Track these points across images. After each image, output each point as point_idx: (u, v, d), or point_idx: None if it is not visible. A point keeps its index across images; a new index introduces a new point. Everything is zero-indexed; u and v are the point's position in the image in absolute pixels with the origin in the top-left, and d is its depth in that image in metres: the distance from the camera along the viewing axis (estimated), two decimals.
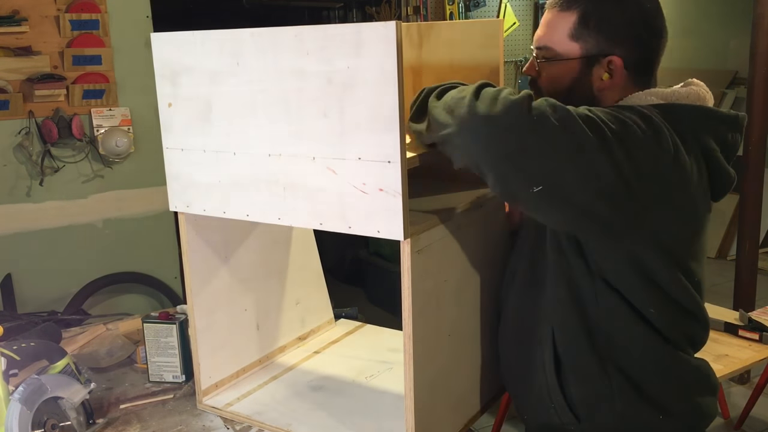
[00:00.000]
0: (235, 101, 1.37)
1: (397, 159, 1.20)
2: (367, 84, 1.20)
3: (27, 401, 1.46)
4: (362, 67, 1.19)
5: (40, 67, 3.34)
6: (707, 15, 6.10)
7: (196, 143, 1.45)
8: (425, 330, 1.36)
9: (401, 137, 1.19)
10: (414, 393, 1.33)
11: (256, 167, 1.38)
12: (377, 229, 1.26)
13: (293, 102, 1.29)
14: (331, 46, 1.21)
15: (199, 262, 1.61)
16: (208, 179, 1.46)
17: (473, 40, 1.57)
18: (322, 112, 1.26)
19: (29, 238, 3.46)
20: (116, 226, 3.62)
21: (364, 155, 1.23)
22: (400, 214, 1.22)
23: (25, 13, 3.29)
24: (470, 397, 1.58)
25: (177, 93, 1.46)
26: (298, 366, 1.83)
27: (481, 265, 1.54)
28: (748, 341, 2.49)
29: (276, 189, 1.36)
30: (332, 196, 1.29)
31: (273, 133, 1.33)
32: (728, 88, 6.06)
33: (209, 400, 1.68)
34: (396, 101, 1.17)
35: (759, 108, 3.65)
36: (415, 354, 1.31)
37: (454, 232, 1.43)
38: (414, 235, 1.28)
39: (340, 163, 1.26)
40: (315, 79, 1.25)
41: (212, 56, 1.38)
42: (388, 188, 1.22)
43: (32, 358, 1.71)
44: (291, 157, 1.32)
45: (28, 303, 3.44)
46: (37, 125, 3.37)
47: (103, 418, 1.66)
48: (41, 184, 3.44)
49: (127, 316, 2.46)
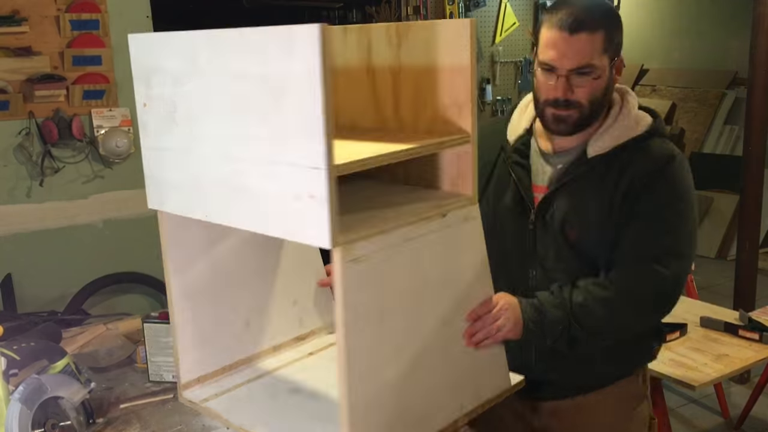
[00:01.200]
0: (194, 102, 1.38)
1: (323, 165, 1.17)
2: (297, 88, 1.18)
3: (27, 401, 1.46)
4: (292, 71, 1.17)
5: (40, 68, 3.33)
6: (707, 15, 6.10)
7: (165, 143, 1.49)
8: (365, 343, 1.31)
9: (327, 143, 1.16)
10: (348, 408, 1.29)
11: (212, 169, 1.38)
12: (310, 236, 1.24)
13: (239, 105, 1.29)
14: (269, 48, 1.20)
15: (177, 258, 1.62)
16: (175, 179, 1.50)
17: (447, 40, 1.51)
18: (262, 115, 1.25)
19: (29, 239, 3.46)
20: (116, 227, 3.62)
21: (297, 161, 1.22)
22: (327, 221, 1.20)
23: (25, 13, 3.29)
24: (437, 415, 1.51)
25: (150, 94, 1.48)
26: (285, 367, 1.82)
27: (449, 278, 1.47)
28: (748, 341, 2.49)
29: (228, 191, 1.37)
30: (273, 202, 1.28)
31: (224, 136, 1.34)
32: (728, 88, 6.07)
33: (188, 394, 1.68)
34: (321, 106, 1.14)
35: (759, 108, 3.65)
36: (349, 367, 1.27)
37: (404, 243, 1.37)
38: (347, 243, 1.24)
39: (278, 169, 1.25)
40: (255, 82, 1.24)
41: (175, 58, 1.40)
42: (317, 195, 1.19)
43: (32, 358, 1.71)
44: (239, 161, 1.32)
45: (28, 303, 3.44)
46: (37, 126, 3.37)
47: (103, 417, 1.66)
48: (41, 185, 3.43)
49: (127, 316, 2.46)
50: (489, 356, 1.56)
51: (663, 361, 2.37)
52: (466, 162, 1.47)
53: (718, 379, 2.32)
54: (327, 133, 1.16)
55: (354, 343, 1.28)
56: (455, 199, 1.46)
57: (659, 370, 2.33)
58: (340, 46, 1.63)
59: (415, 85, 1.51)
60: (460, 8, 4.39)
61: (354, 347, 1.28)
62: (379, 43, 1.54)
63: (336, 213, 1.20)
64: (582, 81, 1.54)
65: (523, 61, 4.74)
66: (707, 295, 4.24)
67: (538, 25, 1.62)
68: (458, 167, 1.49)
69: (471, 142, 1.44)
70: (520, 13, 4.69)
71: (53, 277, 3.51)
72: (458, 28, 1.42)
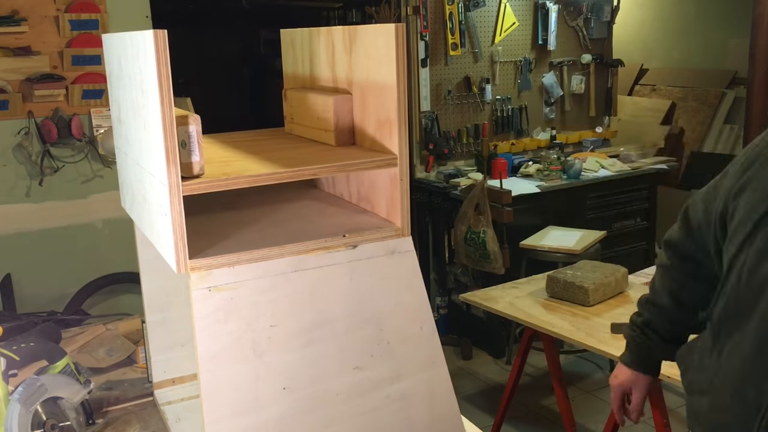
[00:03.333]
0: (122, 105, 1.35)
1: (165, 181, 1.08)
2: (149, 96, 1.10)
3: (26, 401, 1.46)
4: (146, 78, 1.11)
5: (39, 67, 3.33)
6: (707, 15, 6.10)
7: (119, 144, 1.48)
8: (234, 379, 1.16)
9: (168, 157, 1.06)
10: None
11: (134, 174, 1.34)
12: (168, 256, 1.14)
13: (136, 111, 1.22)
14: (138, 55, 1.13)
15: (150, 259, 1.61)
16: (123, 181, 1.49)
17: (377, 48, 1.29)
18: (142, 124, 1.18)
19: (29, 238, 3.46)
20: (115, 226, 3.62)
21: (156, 174, 1.13)
22: (172, 242, 1.09)
23: (25, 13, 3.28)
24: None
25: (111, 93, 1.48)
26: None
27: (364, 317, 1.26)
28: None
29: (140, 199, 1.31)
30: (154, 215, 1.20)
31: (136, 141, 1.28)
32: (728, 88, 6.07)
33: (159, 393, 1.69)
34: (159, 116, 1.05)
35: (758, 107, 3.65)
36: (208, 400, 1.13)
37: (293, 273, 1.20)
38: (203, 269, 1.12)
39: (151, 180, 1.17)
40: (136, 88, 1.18)
41: (114, 59, 1.38)
42: (168, 213, 1.09)
43: (32, 358, 1.71)
44: (141, 168, 1.26)
45: (27, 303, 3.44)
46: (36, 125, 3.36)
47: (103, 418, 1.65)
48: (41, 184, 3.43)
49: (126, 316, 2.46)
50: (431, 422, 1.32)
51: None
52: (395, 187, 1.27)
53: None
54: (168, 147, 1.06)
55: (218, 377, 1.14)
56: (382, 229, 1.27)
57: None
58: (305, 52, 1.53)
59: (361, 95, 1.35)
60: (460, 8, 4.39)
61: (218, 382, 1.14)
62: (338, 48, 1.40)
63: (182, 236, 1.09)
64: None
65: (523, 61, 4.73)
66: None
67: None
68: (391, 193, 1.30)
69: (398, 165, 1.24)
70: (520, 13, 4.69)
71: (52, 276, 3.50)
72: (385, 35, 1.22)
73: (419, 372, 1.30)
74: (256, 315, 1.17)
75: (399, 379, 1.28)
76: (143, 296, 1.61)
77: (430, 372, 1.31)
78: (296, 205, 1.42)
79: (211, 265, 1.13)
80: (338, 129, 1.36)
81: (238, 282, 1.15)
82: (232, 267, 1.15)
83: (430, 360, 1.31)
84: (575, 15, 4.94)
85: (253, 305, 1.17)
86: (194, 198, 1.12)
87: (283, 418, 1.20)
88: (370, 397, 1.27)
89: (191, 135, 1.11)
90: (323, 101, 1.39)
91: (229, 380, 1.15)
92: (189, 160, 1.11)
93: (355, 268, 1.23)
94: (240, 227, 1.29)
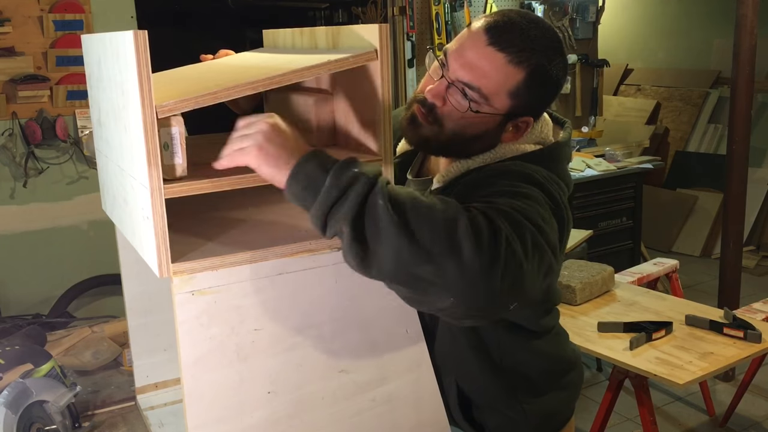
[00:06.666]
0: (102, 106, 1.33)
1: (146, 184, 1.07)
2: (129, 97, 1.09)
3: (12, 405, 1.45)
4: (126, 79, 1.10)
5: (23, 68, 3.31)
6: (690, 15, 6.14)
7: (99, 146, 1.45)
8: (218, 383, 1.16)
9: (150, 159, 1.05)
10: None
11: (115, 176, 1.32)
12: (150, 261, 1.13)
13: (117, 113, 1.21)
14: (118, 54, 1.12)
15: (132, 263, 1.60)
16: (104, 183, 1.46)
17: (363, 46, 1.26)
18: (122, 126, 1.17)
19: (13, 241, 3.44)
20: (101, 228, 3.59)
21: (137, 177, 1.12)
22: (154, 246, 1.09)
23: (8, 14, 3.26)
24: None
25: (91, 96, 1.46)
26: None
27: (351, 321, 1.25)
28: (733, 339, 2.51)
29: (122, 201, 1.29)
30: (135, 219, 1.19)
31: (116, 143, 1.26)
32: (712, 88, 6.11)
33: (142, 398, 1.68)
34: (140, 117, 1.04)
35: (742, 108, 3.68)
36: (191, 405, 1.13)
37: (278, 277, 1.19)
38: (185, 273, 1.11)
39: (132, 183, 1.17)
40: (116, 89, 1.17)
41: (94, 60, 1.36)
42: (150, 216, 1.08)
43: (17, 361, 1.70)
44: (121, 171, 1.24)
45: (12, 306, 3.41)
46: (20, 126, 3.34)
47: (89, 421, 1.65)
48: (25, 186, 3.41)
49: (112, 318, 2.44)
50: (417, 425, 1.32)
51: (648, 359, 2.38)
52: None
53: (703, 377, 2.33)
54: (149, 150, 1.05)
55: (201, 382, 1.13)
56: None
57: (645, 368, 2.34)
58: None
59: (345, 96, 1.35)
60: (446, 8, 4.40)
61: (201, 387, 1.13)
62: (321, 48, 1.37)
63: (164, 239, 1.08)
64: (460, 105, 1.27)
65: None
66: (692, 294, 4.27)
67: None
68: None
69: (382, 167, 1.23)
70: None
71: (37, 279, 3.48)
72: (369, 35, 1.21)
73: (405, 374, 1.30)
74: (240, 319, 1.16)
75: (385, 382, 1.28)
76: (125, 300, 1.59)
77: (416, 374, 1.31)
78: (280, 207, 1.40)
79: (194, 269, 1.12)
80: (319, 130, 1.36)
81: (222, 286, 1.14)
82: (216, 270, 1.14)
83: (415, 363, 1.31)
84: (560, 15, 4.96)
85: (237, 309, 1.15)
86: (176, 200, 1.11)
87: (268, 422, 1.20)
88: (355, 400, 1.26)
89: (174, 136, 1.10)
90: (303, 102, 1.38)
91: (212, 385, 1.14)
92: (171, 162, 1.10)
93: (340, 270, 1.21)
94: (223, 230, 1.28)
